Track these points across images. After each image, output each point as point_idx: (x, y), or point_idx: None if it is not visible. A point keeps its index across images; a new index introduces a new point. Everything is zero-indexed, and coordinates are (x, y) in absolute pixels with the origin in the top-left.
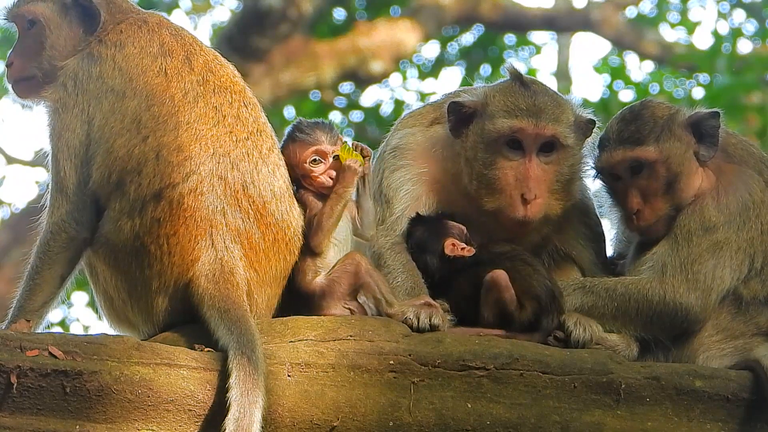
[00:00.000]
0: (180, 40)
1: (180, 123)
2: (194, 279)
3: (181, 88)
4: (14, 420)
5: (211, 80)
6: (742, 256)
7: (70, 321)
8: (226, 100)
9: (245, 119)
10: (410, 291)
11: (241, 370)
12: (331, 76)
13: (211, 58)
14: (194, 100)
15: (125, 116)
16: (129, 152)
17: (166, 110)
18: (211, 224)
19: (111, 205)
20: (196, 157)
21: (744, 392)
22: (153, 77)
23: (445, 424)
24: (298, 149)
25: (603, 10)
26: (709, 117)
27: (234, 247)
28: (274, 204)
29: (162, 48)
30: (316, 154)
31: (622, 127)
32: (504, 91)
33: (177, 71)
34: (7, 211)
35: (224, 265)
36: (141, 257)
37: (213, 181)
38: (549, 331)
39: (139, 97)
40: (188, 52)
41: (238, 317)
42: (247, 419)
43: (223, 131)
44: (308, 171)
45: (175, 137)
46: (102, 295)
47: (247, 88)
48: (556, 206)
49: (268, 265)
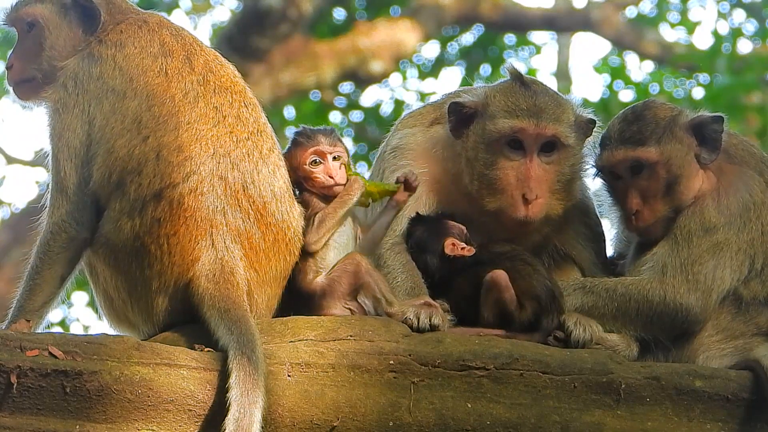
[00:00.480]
0: (180, 40)
1: (180, 123)
2: (194, 279)
3: (181, 88)
4: (14, 420)
5: (212, 80)
6: (742, 257)
7: (70, 321)
8: (226, 101)
9: (246, 119)
10: (410, 291)
11: (241, 370)
12: (331, 76)
13: (211, 58)
14: (195, 100)
15: (126, 116)
16: (129, 152)
17: (167, 110)
18: (211, 224)
19: (111, 205)
20: (197, 157)
21: (744, 392)
22: (153, 77)
23: (445, 424)
24: (298, 152)
25: (603, 10)
26: (712, 121)
27: (234, 247)
28: (274, 204)
29: (162, 48)
30: (315, 155)
31: (624, 126)
32: (504, 91)
33: (177, 71)
34: (7, 211)
35: (224, 265)
36: (141, 257)
37: (213, 181)
38: (549, 331)
39: (140, 97)
40: (189, 52)
41: (238, 317)
42: (247, 419)
43: (224, 131)
44: (308, 172)
45: (175, 137)
46: (102, 295)
47: (248, 88)
48: (557, 206)
49: (268, 265)
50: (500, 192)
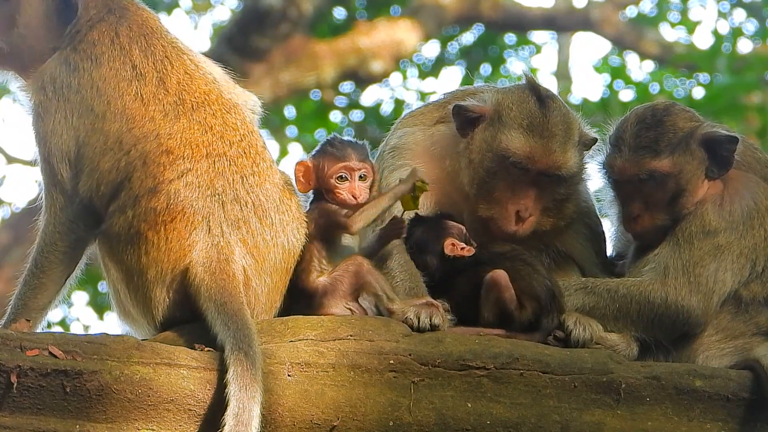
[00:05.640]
0: (151, 56)
1: (161, 135)
2: (191, 267)
3: (160, 110)
4: (14, 420)
5: (188, 98)
6: (743, 260)
7: (70, 321)
8: (208, 113)
9: (233, 124)
10: (410, 291)
11: (239, 365)
12: (331, 76)
13: (182, 74)
14: (176, 118)
15: (108, 137)
16: (115, 166)
17: (148, 129)
18: (208, 210)
19: (107, 206)
20: (188, 157)
21: (744, 392)
22: (130, 101)
23: (445, 423)
24: (327, 163)
25: (603, 10)
26: (726, 141)
27: (231, 233)
28: (272, 194)
29: (134, 71)
30: (344, 170)
31: (641, 131)
32: (520, 105)
33: (152, 95)
34: (7, 211)
35: (220, 252)
36: (138, 244)
37: (211, 175)
38: (549, 331)
39: (120, 120)
40: (161, 72)
41: (234, 311)
42: (246, 414)
43: (214, 138)
44: (333, 186)
45: (158, 145)
46: (111, 288)
47: (223, 90)
48: (547, 223)
49: (267, 252)
50: (496, 203)
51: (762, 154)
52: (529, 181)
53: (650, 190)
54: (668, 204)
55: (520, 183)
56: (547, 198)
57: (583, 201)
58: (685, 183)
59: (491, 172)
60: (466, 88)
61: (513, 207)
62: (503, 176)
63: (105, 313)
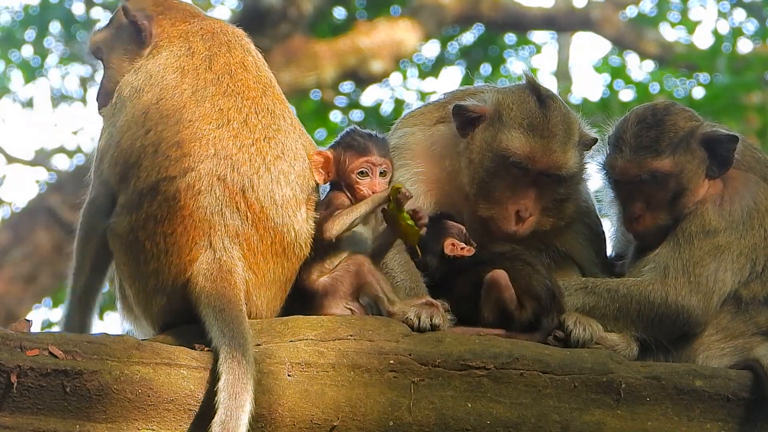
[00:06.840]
0: (209, 41)
1: (182, 119)
2: (192, 278)
3: (192, 84)
4: (14, 420)
5: (226, 82)
6: (743, 260)
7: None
8: (234, 105)
9: (253, 126)
10: (410, 291)
11: (231, 373)
12: (331, 76)
13: (236, 63)
14: (202, 99)
15: (137, 109)
16: (132, 144)
17: (172, 104)
18: (209, 225)
19: (119, 199)
20: (195, 155)
21: (744, 392)
22: (170, 73)
23: (445, 423)
24: (348, 157)
25: (603, 10)
26: (726, 140)
27: (232, 248)
28: (273, 210)
29: (189, 49)
30: (366, 165)
31: (641, 131)
32: (521, 105)
33: (194, 68)
34: (7, 211)
35: (222, 265)
36: (136, 252)
37: (212, 180)
38: (549, 331)
39: (153, 91)
40: (213, 52)
41: (232, 318)
42: (233, 422)
43: (227, 134)
44: (354, 181)
45: (175, 132)
46: (117, 283)
47: (267, 96)
48: (547, 223)
49: (266, 268)
50: (496, 203)
51: (762, 154)
52: (529, 181)
53: (651, 190)
54: (669, 203)
55: (520, 183)
56: (547, 198)
57: (583, 201)
58: (686, 182)
59: (491, 172)
60: (466, 88)
61: (513, 207)
62: (503, 176)
63: (105, 313)
